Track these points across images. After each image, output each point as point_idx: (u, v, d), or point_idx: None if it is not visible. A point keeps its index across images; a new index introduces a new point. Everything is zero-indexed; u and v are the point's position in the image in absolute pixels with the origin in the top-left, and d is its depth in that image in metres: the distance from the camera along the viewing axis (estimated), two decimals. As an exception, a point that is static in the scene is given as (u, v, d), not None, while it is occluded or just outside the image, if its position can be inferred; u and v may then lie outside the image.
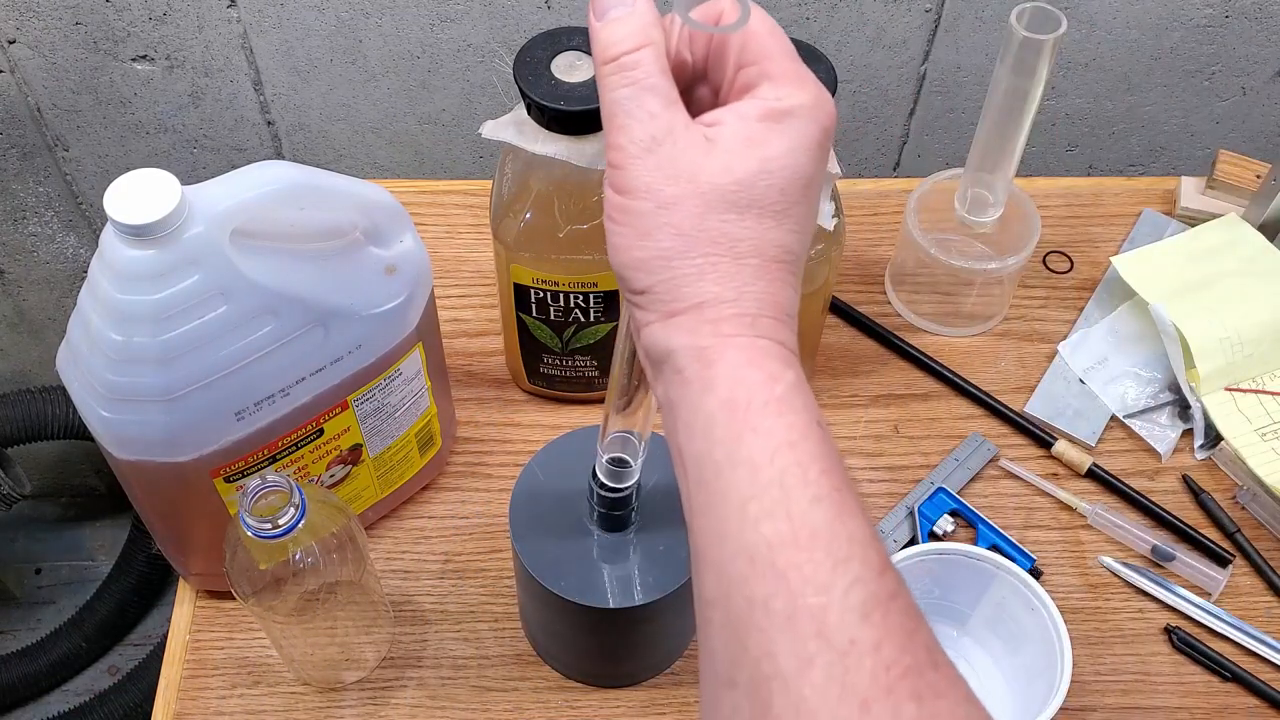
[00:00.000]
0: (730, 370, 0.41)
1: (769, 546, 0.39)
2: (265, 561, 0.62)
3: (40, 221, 1.25)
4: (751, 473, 0.40)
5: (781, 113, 0.42)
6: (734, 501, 0.40)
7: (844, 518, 0.39)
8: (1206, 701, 0.76)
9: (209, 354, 0.60)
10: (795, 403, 0.41)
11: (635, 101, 0.41)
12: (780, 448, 0.40)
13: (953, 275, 0.87)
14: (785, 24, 1.06)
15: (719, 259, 0.41)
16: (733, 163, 0.41)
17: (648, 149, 0.41)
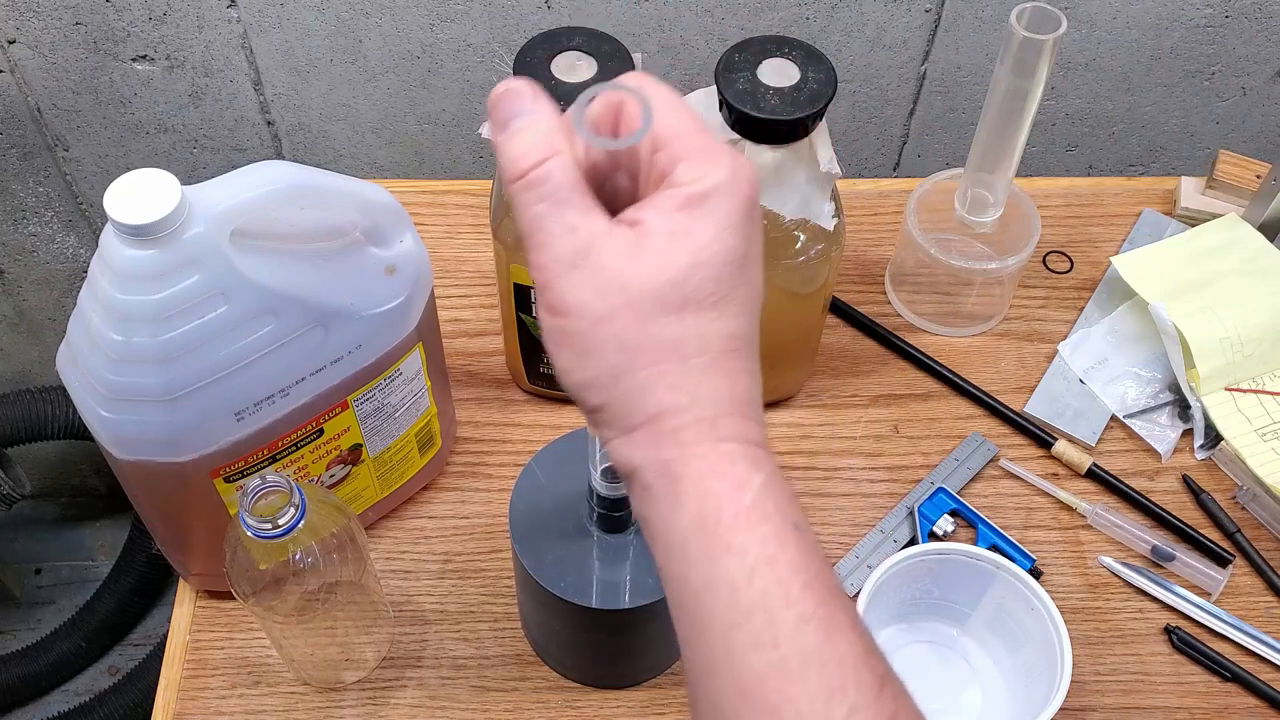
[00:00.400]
0: (696, 483, 0.39)
1: (759, 679, 0.37)
2: (265, 561, 0.62)
3: (40, 221, 1.25)
4: (732, 596, 0.38)
5: (700, 196, 0.40)
6: (718, 630, 0.38)
7: (834, 638, 0.37)
8: (1206, 701, 0.76)
9: (209, 354, 0.60)
10: (767, 509, 0.39)
11: (551, 218, 0.39)
12: (757, 566, 0.38)
13: (953, 275, 0.87)
14: (785, 24, 1.06)
15: (665, 366, 0.39)
16: (662, 262, 0.39)
17: (572, 265, 0.39)
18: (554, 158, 0.39)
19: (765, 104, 0.68)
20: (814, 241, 0.75)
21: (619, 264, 0.39)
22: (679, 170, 0.40)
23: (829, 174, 0.71)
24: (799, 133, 0.69)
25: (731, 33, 1.07)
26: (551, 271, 0.39)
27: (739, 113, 0.68)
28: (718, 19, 1.06)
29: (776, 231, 0.74)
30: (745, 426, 0.40)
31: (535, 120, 0.40)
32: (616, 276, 0.39)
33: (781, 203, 0.71)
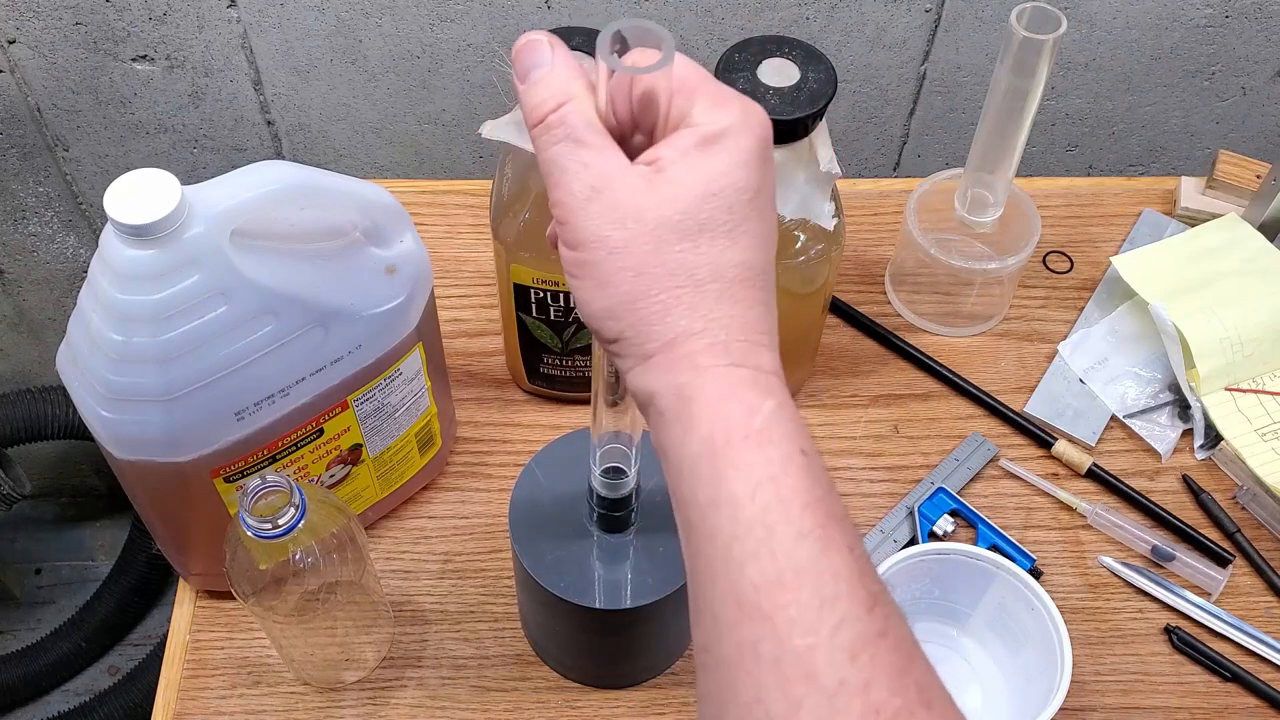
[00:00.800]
0: (709, 406, 0.40)
1: (755, 589, 0.38)
2: (265, 561, 0.62)
3: (40, 221, 1.25)
4: (734, 512, 0.39)
5: (714, 135, 0.41)
6: (720, 543, 0.39)
7: (829, 553, 0.38)
8: (1206, 701, 0.76)
9: (209, 354, 0.60)
10: (775, 434, 0.40)
11: (568, 156, 0.41)
12: (761, 483, 0.39)
13: (953, 275, 0.87)
14: (785, 24, 1.06)
15: (680, 291, 0.41)
16: (676, 193, 0.41)
17: (589, 199, 0.41)
18: (570, 102, 0.41)
19: (765, 104, 0.68)
20: (814, 241, 0.75)
21: (635, 197, 0.40)
22: (693, 114, 0.42)
23: (829, 174, 0.71)
24: (799, 133, 0.69)
25: (731, 33, 1.07)
26: (568, 206, 0.41)
27: (739, 113, 0.68)
28: (718, 19, 1.06)
29: (776, 231, 0.73)
30: (758, 353, 0.41)
31: (554, 69, 0.42)
32: (633, 208, 0.40)
33: (781, 203, 0.71)
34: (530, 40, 0.42)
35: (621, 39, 0.41)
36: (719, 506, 0.39)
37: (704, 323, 0.41)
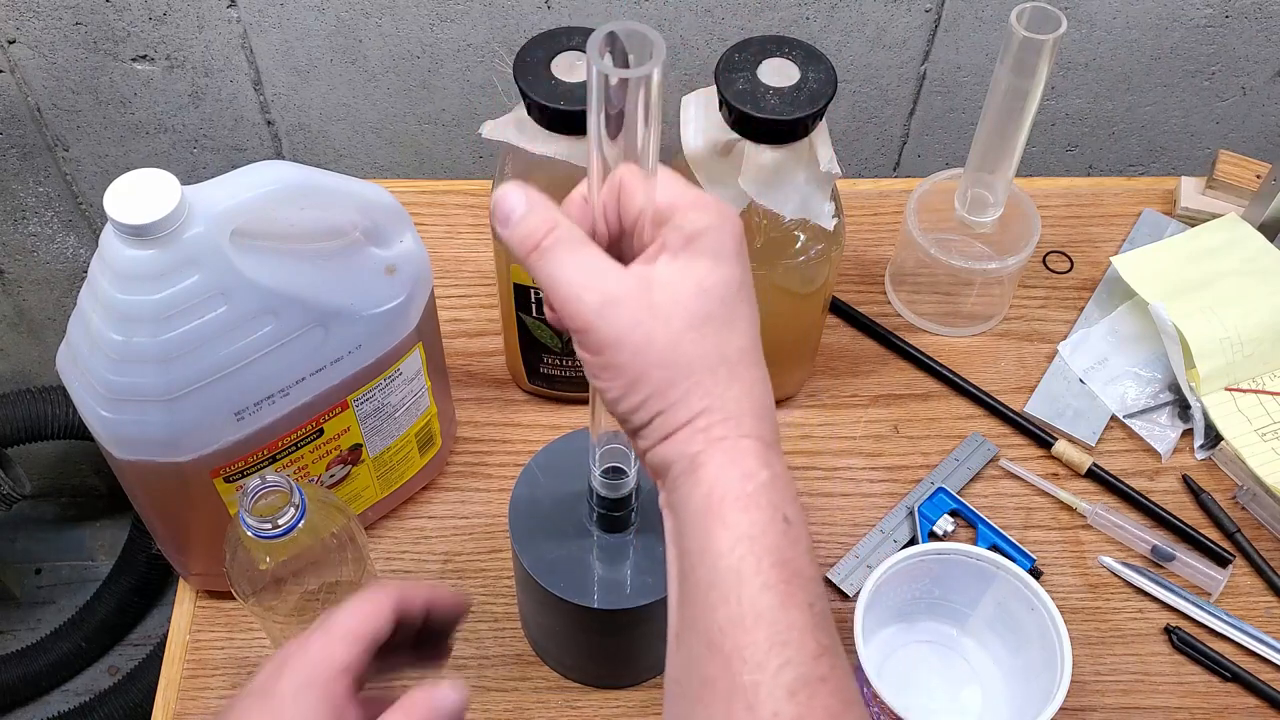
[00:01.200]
0: (714, 469, 0.45)
1: (721, 631, 0.43)
2: (265, 561, 0.62)
3: (40, 221, 1.25)
4: (715, 561, 0.44)
5: (694, 235, 0.45)
6: (701, 589, 0.44)
7: (789, 607, 0.43)
8: (1206, 701, 0.76)
9: (209, 354, 0.60)
10: (763, 499, 0.45)
11: (571, 271, 0.45)
12: (740, 540, 0.44)
13: (953, 275, 0.87)
14: (785, 24, 1.06)
15: (698, 377, 0.45)
16: (677, 293, 0.45)
17: (602, 306, 0.45)
18: (558, 226, 0.46)
19: (765, 104, 0.68)
20: (814, 241, 0.75)
21: (642, 296, 0.45)
22: (675, 218, 0.46)
23: (829, 174, 0.71)
24: (799, 133, 0.69)
25: (731, 33, 1.07)
26: (584, 316, 0.45)
27: (739, 113, 0.68)
28: (718, 19, 1.06)
29: (776, 231, 0.74)
30: (762, 426, 0.46)
31: (533, 207, 0.46)
32: (644, 307, 0.45)
33: (781, 203, 0.71)
34: (499, 193, 0.46)
35: (613, 40, 0.42)
36: (704, 556, 0.44)
37: (718, 402, 0.45)
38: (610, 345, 0.45)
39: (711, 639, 0.43)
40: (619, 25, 0.42)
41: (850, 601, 0.79)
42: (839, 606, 0.78)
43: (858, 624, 0.68)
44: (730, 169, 0.71)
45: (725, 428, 0.45)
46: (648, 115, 0.43)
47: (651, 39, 0.42)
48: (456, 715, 0.51)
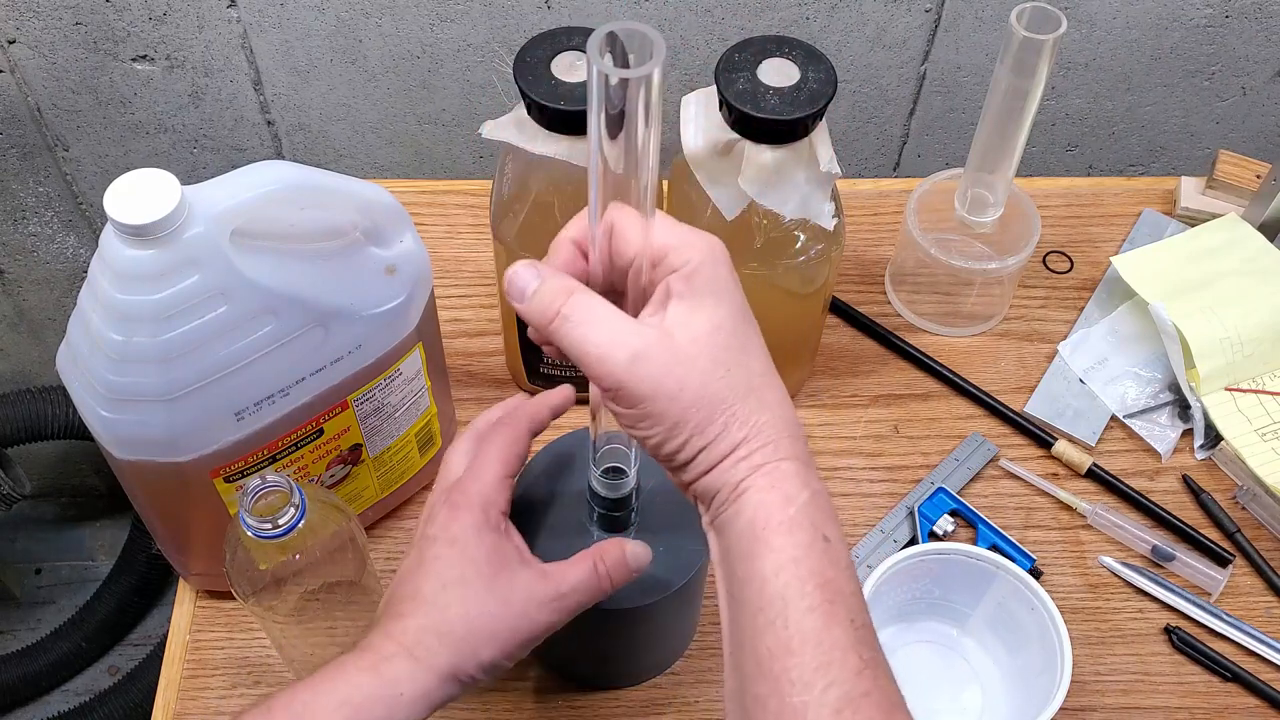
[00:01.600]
0: (755, 495, 0.48)
1: (769, 652, 0.46)
2: (265, 561, 0.62)
3: (40, 221, 1.25)
4: (761, 586, 0.47)
5: (693, 275, 0.48)
6: (749, 612, 0.47)
7: (831, 626, 0.46)
8: (1206, 701, 0.76)
9: (209, 354, 0.60)
10: (804, 520, 0.47)
11: (596, 331, 0.48)
12: (785, 564, 0.47)
13: (953, 275, 0.87)
14: (785, 24, 1.06)
15: (732, 409, 0.48)
16: (695, 335, 0.48)
17: (632, 362, 0.47)
18: (575, 293, 0.48)
19: (765, 104, 0.68)
20: (814, 241, 0.75)
21: (663, 342, 0.48)
22: (670, 258, 0.49)
23: (829, 174, 0.71)
24: (799, 133, 0.69)
25: (731, 33, 1.07)
26: (616, 374, 0.47)
27: (739, 113, 0.68)
28: (718, 19, 1.06)
29: (776, 231, 0.74)
30: (797, 446, 0.49)
31: (545, 279, 0.49)
32: (669, 352, 0.47)
33: (781, 203, 0.71)
34: (513, 270, 0.49)
35: (614, 40, 0.42)
36: (751, 580, 0.47)
37: (754, 429, 0.48)
38: (646, 397, 0.47)
39: (760, 660, 0.46)
40: (619, 25, 0.42)
41: (850, 601, 0.78)
42: (839, 606, 0.78)
43: (858, 624, 0.68)
44: (730, 169, 0.71)
45: (764, 453, 0.48)
46: (648, 115, 0.43)
47: (652, 39, 0.42)
48: (640, 570, 0.60)
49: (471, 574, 0.59)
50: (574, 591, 0.60)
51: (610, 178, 0.46)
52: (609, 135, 0.44)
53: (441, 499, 0.61)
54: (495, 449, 0.62)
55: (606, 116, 0.43)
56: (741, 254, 0.74)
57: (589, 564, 0.60)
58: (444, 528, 0.60)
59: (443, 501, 0.61)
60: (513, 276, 0.49)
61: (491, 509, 0.60)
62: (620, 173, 0.45)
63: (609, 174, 0.45)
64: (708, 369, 0.48)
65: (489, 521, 0.60)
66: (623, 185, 0.46)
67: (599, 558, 0.60)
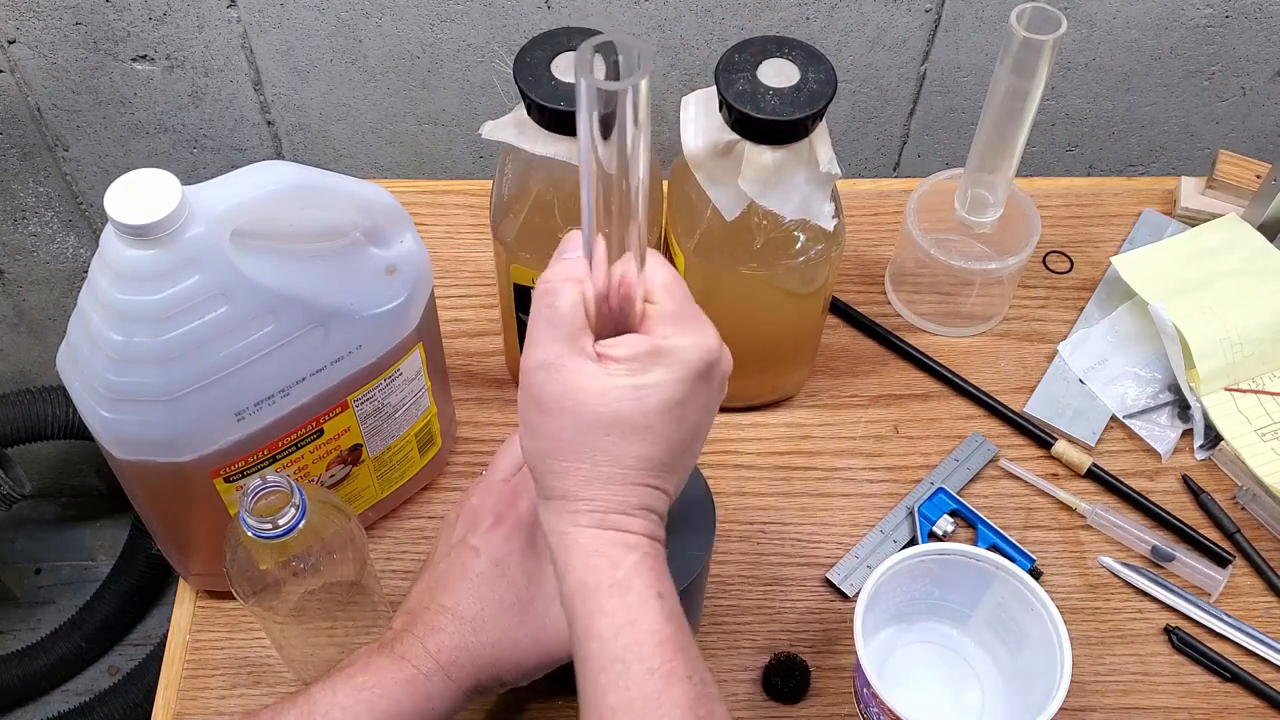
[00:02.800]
0: (582, 556, 0.50)
1: (613, 712, 0.48)
2: (265, 561, 0.62)
3: (40, 221, 1.25)
4: (601, 647, 0.49)
5: (662, 350, 0.49)
6: (592, 671, 0.49)
7: (671, 686, 0.48)
8: (1206, 702, 0.76)
9: (209, 354, 0.60)
10: (635, 582, 0.49)
11: (548, 328, 0.50)
12: (622, 627, 0.49)
13: (953, 275, 0.87)
14: (785, 24, 1.06)
15: (579, 465, 0.50)
16: (609, 390, 0.49)
17: (541, 367, 0.50)
18: (570, 284, 0.50)
19: (765, 104, 0.68)
20: (814, 241, 0.75)
21: (578, 379, 0.49)
22: (657, 326, 0.50)
23: (829, 174, 0.71)
24: (799, 133, 0.69)
25: (731, 33, 1.07)
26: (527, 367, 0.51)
27: (739, 113, 0.68)
28: (718, 19, 1.06)
29: (776, 232, 0.74)
30: (629, 522, 0.50)
31: (572, 260, 0.51)
32: (574, 389, 0.49)
33: (781, 203, 0.71)
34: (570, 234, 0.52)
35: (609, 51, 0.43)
36: (590, 640, 0.49)
37: (589, 494, 0.50)
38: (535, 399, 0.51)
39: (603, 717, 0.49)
40: (606, 38, 0.43)
41: (850, 602, 0.79)
42: (839, 606, 0.79)
43: (858, 624, 0.68)
44: (730, 169, 0.71)
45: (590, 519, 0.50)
46: (637, 117, 0.43)
47: (639, 49, 0.42)
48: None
49: (510, 600, 0.60)
50: None
51: (602, 181, 0.46)
52: (601, 136, 0.44)
53: (490, 502, 0.62)
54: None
55: (599, 119, 0.43)
56: (741, 254, 0.74)
57: None
58: (489, 543, 0.61)
59: (491, 508, 0.62)
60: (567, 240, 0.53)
61: (539, 531, 0.61)
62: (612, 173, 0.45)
63: (602, 175, 0.45)
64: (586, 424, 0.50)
65: (534, 546, 0.61)
66: (613, 189, 0.46)
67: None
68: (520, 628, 0.60)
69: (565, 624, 0.59)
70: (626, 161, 0.45)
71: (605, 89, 0.42)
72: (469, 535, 0.62)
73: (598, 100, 0.43)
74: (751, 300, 0.77)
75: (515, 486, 0.63)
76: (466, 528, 0.63)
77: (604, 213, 0.48)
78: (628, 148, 0.44)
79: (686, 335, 0.50)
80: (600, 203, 0.47)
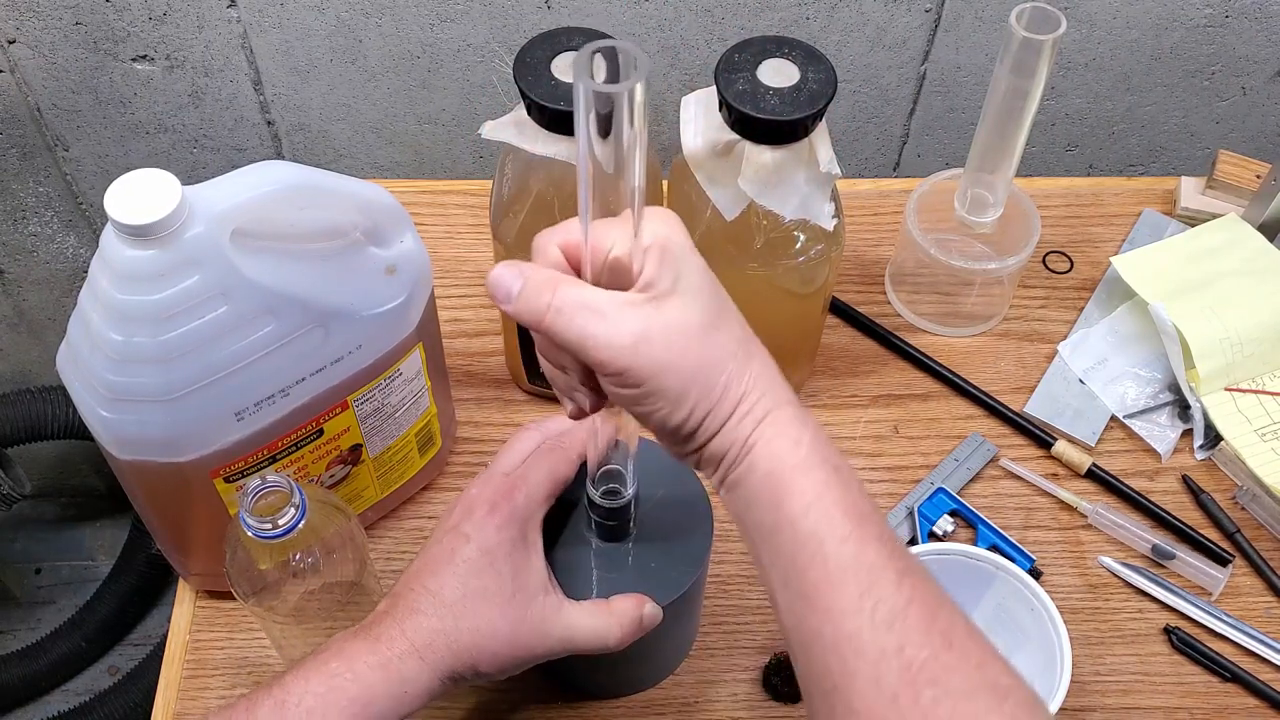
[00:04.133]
0: (765, 446, 0.50)
1: (814, 587, 0.49)
2: (265, 561, 0.62)
3: (40, 221, 1.25)
4: (794, 529, 0.50)
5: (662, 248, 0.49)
6: (786, 554, 0.50)
7: (864, 549, 0.49)
8: (1206, 701, 0.76)
9: (209, 354, 0.60)
10: (815, 459, 0.50)
11: (590, 321, 0.48)
12: (811, 504, 0.50)
13: (953, 275, 0.87)
14: (785, 24, 1.06)
15: (726, 368, 0.50)
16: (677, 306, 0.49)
17: (636, 344, 0.48)
18: (561, 285, 0.49)
19: (765, 104, 0.68)
20: (814, 241, 0.75)
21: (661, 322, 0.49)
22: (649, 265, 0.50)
23: (829, 174, 0.71)
24: (799, 133, 0.69)
25: (731, 33, 1.07)
26: (620, 359, 0.48)
27: (739, 113, 0.68)
28: (718, 19, 1.06)
29: (776, 231, 0.74)
30: (785, 390, 0.52)
31: (529, 276, 0.49)
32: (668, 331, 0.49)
33: (781, 203, 0.71)
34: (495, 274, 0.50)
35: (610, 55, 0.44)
36: (782, 526, 0.50)
37: (750, 384, 0.50)
38: (653, 375, 0.49)
39: (807, 595, 0.49)
40: (608, 43, 0.43)
41: (850, 601, 0.78)
42: (839, 606, 0.78)
43: (858, 624, 0.68)
44: (730, 169, 0.71)
45: (763, 405, 0.50)
46: (633, 118, 0.44)
47: (636, 54, 0.43)
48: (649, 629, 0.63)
49: (494, 589, 0.60)
50: (582, 637, 0.62)
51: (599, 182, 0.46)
52: (599, 135, 0.44)
53: (488, 493, 0.62)
54: (551, 465, 0.64)
55: (596, 117, 0.44)
56: (741, 254, 0.74)
57: (604, 616, 0.62)
58: (480, 531, 0.61)
59: (488, 498, 0.62)
60: (495, 279, 0.50)
61: (531, 526, 0.62)
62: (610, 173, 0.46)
63: (599, 175, 0.46)
64: (694, 340, 0.49)
65: (525, 539, 0.62)
66: (612, 187, 0.46)
67: (617, 614, 0.62)
68: (501, 618, 0.60)
69: (545, 621, 0.61)
70: (623, 163, 0.45)
71: (601, 91, 0.43)
72: (462, 522, 0.62)
73: (594, 102, 0.43)
74: (751, 300, 0.77)
75: (515, 479, 0.63)
76: (461, 515, 0.63)
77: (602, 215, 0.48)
78: (624, 149, 0.44)
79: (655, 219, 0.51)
80: (598, 204, 0.47)
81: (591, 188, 0.46)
